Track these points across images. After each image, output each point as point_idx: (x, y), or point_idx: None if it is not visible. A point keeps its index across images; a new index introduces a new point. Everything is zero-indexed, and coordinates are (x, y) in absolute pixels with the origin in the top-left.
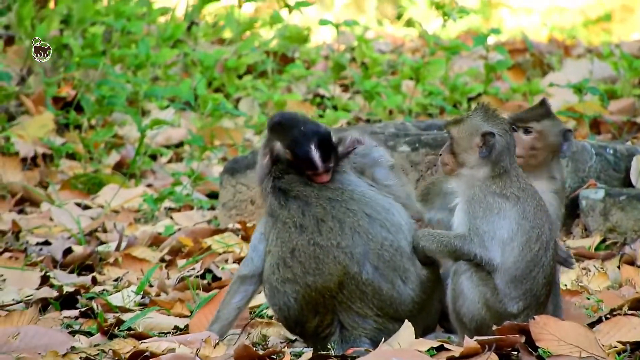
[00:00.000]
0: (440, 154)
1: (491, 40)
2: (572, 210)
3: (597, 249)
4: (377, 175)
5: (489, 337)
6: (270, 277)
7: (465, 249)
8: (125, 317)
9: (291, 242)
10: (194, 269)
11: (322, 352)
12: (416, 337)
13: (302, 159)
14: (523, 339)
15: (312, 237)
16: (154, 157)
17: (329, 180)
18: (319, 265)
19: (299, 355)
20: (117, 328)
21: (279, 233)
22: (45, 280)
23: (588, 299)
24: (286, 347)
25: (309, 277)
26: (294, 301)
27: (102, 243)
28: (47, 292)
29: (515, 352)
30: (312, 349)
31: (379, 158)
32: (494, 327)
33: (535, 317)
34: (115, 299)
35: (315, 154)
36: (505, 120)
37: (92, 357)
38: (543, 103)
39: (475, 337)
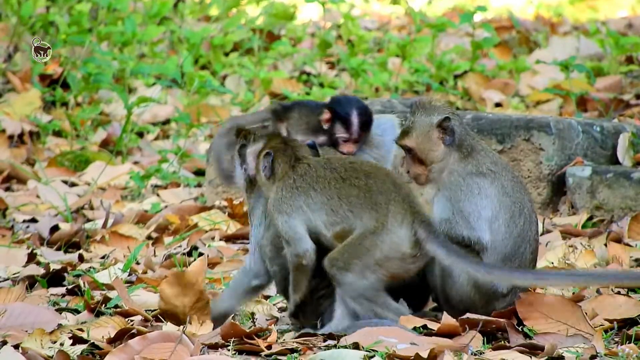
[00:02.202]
0: (408, 171)
1: (477, 17)
2: (559, 187)
3: (584, 226)
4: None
5: (479, 317)
6: None
7: (453, 232)
8: (112, 294)
9: None
10: (180, 246)
11: (310, 331)
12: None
13: (341, 117)
14: (515, 321)
15: None
16: (140, 135)
17: (354, 152)
18: None
19: (285, 332)
20: (103, 306)
21: None
22: (32, 258)
23: None
24: (273, 325)
25: None
26: None
27: (88, 220)
28: (34, 270)
29: (501, 332)
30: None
31: (390, 156)
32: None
33: (521, 294)
34: (102, 277)
35: (355, 117)
36: (444, 103)
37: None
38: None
39: (467, 315)
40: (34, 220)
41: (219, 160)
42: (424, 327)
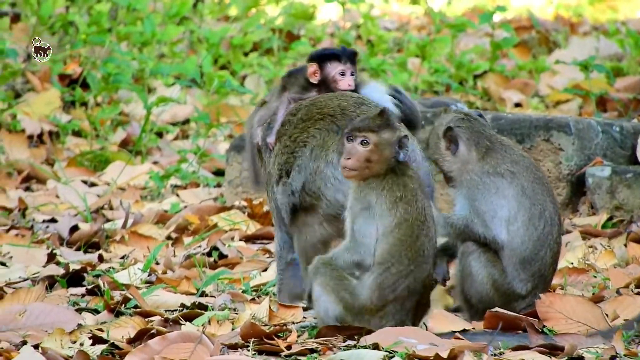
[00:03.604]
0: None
1: (497, 17)
2: (579, 187)
3: (603, 226)
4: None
5: (504, 312)
6: None
7: (469, 230)
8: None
9: None
10: (200, 246)
11: (330, 325)
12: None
13: (328, 56)
14: (536, 321)
15: None
16: (160, 135)
17: (353, 87)
18: None
19: (305, 330)
20: (123, 306)
21: None
22: (51, 258)
23: (595, 277)
24: (292, 324)
25: None
26: None
27: (108, 220)
28: (54, 270)
29: (521, 331)
30: None
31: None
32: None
33: (541, 295)
34: (122, 277)
35: (341, 50)
36: (459, 111)
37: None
38: (382, 113)
39: (495, 309)
40: (53, 220)
41: (253, 157)
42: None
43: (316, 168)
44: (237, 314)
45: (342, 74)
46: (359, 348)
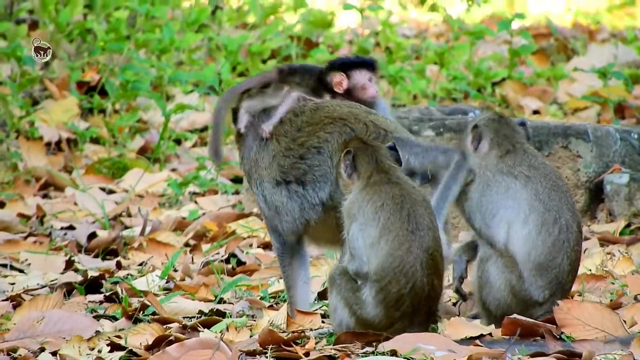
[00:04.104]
0: None
1: (515, 25)
2: (597, 194)
3: (621, 233)
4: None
5: (522, 319)
6: None
7: (470, 221)
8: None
9: None
10: (218, 253)
11: (349, 331)
12: None
13: (355, 64)
14: (554, 328)
15: None
16: (178, 142)
17: (376, 95)
18: None
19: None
20: (141, 312)
21: None
22: (69, 265)
23: (612, 283)
24: (310, 331)
25: None
26: None
27: (126, 228)
28: (72, 277)
29: (539, 337)
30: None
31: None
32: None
33: (559, 302)
34: (140, 284)
35: (365, 58)
36: (496, 112)
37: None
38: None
39: (514, 315)
40: (71, 228)
41: (217, 131)
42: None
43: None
44: (255, 320)
45: (370, 80)
46: (377, 355)
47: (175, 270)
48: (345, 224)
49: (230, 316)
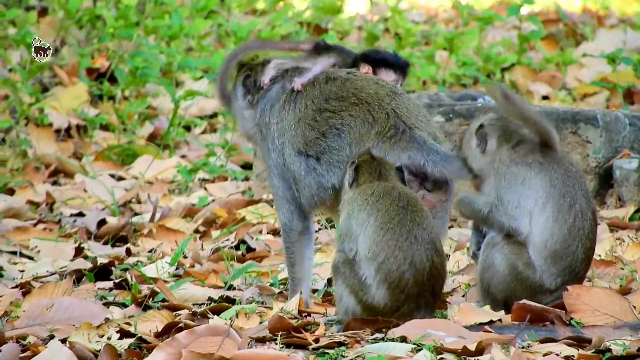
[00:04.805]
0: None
1: (524, 10)
2: (606, 180)
3: (631, 219)
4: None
5: (531, 304)
6: None
7: (492, 217)
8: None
9: None
10: (228, 240)
11: (358, 318)
12: None
13: (385, 62)
14: (563, 314)
15: None
16: (187, 128)
17: None
18: None
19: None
20: (151, 299)
21: None
22: (79, 252)
23: (622, 269)
24: (321, 317)
25: None
26: None
27: (136, 214)
28: (81, 264)
29: (548, 323)
30: None
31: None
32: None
33: (569, 287)
34: (150, 271)
35: (398, 58)
36: (491, 111)
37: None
38: None
39: (524, 301)
40: (81, 215)
41: (222, 79)
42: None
43: None
44: (265, 307)
45: (395, 83)
46: (386, 341)
47: (185, 257)
48: (340, 216)
49: (240, 303)
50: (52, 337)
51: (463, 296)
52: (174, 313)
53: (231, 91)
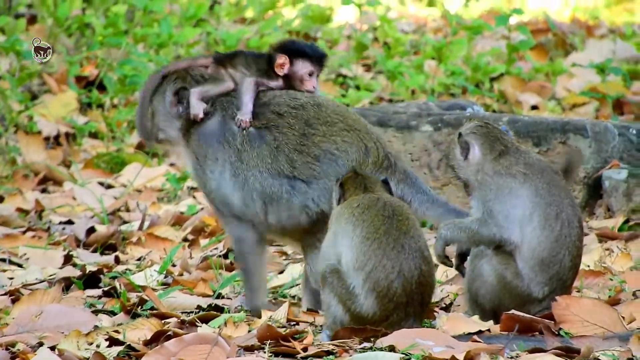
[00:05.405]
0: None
1: (513, 20)
2: (595, 190)
3: (620, 229)
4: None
5: (520, 314)
6: None
7: (483, 231)
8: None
9: None
10: (216, 248)
11: (347, 327)
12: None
13: (302, 53)
14: (552, 324)
15: None
16: None
17: (315, 88)
18: None
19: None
20: (140, 307)
21: None
22: (68, 260)
23: (611, 279)
24: (309, 327)
25: None
26: None
27: (125, 222)
28: (70, 272)
29: (537, 333)
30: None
31: None
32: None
33: (558, 298)
34: (138, 279)
35: (316, 49)
36: (480, 119)
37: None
38: None
39: (512, 311)
40: (70, 222)
41: (143, 109)
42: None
43: None
44: (253, 315)
45: (310, 74)
46: (375, 350)
47: (174, 265)
48: (328, 230)
49: (229, 311)
50: (41, 344)
51: (450, 305)
52: (163, 321)
53: (154, 97)
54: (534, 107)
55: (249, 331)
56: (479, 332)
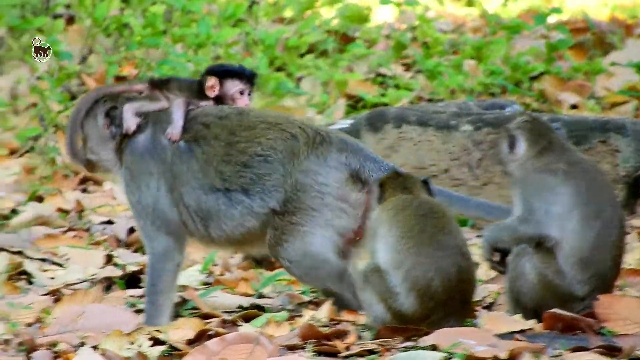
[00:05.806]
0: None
1: (552, 19)
2: (636, 189)
3: None
4: None
5: (563, 312)
6: None
7: (524, 228)
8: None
9: None
10: None
11: (389, 326)
12: None
13: (231, 73)
14: (595, 323)
15: None
16: None
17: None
18: None
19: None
20: (181, 307)
21: None
22: (109, 260)
23: None
24: (352, 326)
25: None
26: None
27: None
28: (112, 271)
29: (579, 332)
30: None
31: None
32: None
33: (600, 296)
34: (180, 278)
35: (244, 69)
36: (529, 114)
37: (156, 336)
38: None
39: (554, 310)
40: (110, 222)
41: (73, 134)
42: None
43: (294, 182)
44: (295, 315)
45: (242, 92)
46: (417, 349)
47: (215, 265)
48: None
49: (270, 311)
50: (82, 344)
51: (492, 304)
52: (205, 321)
53: (85, 121)
54: (574, 107)
55: (291, 330)
56: (522, 331)
